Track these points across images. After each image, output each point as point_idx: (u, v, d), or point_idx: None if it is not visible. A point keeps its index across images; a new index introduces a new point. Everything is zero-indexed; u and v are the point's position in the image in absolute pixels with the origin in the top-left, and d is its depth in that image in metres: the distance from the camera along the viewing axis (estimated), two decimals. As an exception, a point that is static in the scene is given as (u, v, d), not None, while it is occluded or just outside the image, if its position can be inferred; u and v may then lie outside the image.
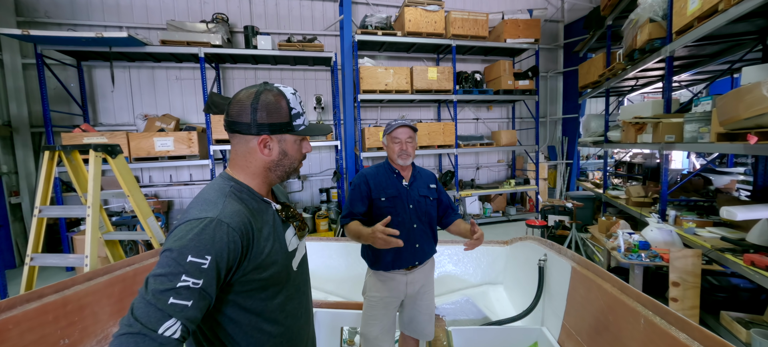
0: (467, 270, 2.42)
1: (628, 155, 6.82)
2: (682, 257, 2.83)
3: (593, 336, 1.27)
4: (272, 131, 0.84)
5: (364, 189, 1.57)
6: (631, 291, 1.10)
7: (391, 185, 1.59)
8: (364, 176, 1.61)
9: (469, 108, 7.37)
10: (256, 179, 0.89)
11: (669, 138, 3.43)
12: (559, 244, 1.67)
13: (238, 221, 0.76)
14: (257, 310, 0.83)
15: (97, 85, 5.69)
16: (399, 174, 1.62)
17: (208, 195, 0.80)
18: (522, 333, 1.68)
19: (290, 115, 0.86)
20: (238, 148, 0.86)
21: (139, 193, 2.25)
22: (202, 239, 0.70)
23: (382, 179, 1.59)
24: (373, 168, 1.63)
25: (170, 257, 0.67)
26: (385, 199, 1.56)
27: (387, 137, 1.61)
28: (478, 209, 6.76)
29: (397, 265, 1.57)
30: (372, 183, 1.58)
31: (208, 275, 0.69)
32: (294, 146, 0.90)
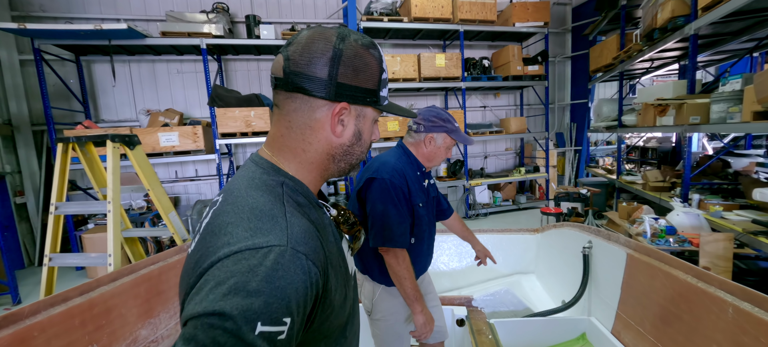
0: (497, 260, 2.33)
1: (642, 140, 6.71)
2: (714, 242, 2.75)
3: (660, 326, 1.18)
4: (354, 99, 0.57)
5: (406, 194, 1.23)
6: (712, 278, 1.01)
7: (421, 188, 1.33)
8: (403, 174, 1.23)
9: (476, 96, 7.24)
10: (312, 173, 0.60)
11: (694, 120, 3.32)
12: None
13: (314, 248, 0.50)
14: None
15: (97, 80, 5.54)
16: (423, 173, 1.37)
17: (256, 200, 0.51)
18: (568, 324, 1.60)
19: (380, 79, 0.59)
20: (294, 118, 0.57)
21: (159, 187, 2.14)
22: (277, 287, 0.43)
23: (413, 177, 1.29)
24: (401, 163, 1.27)
25: (223, 330, 0.38)
26: (422, 205, 1.29)
27: (443, 138, 1.32)
28: (487, 198, 6.68)
29: (423, 272, 1.43)
30: (411, 185, 1.26)
31: (285, 346, 0.43)
32: (370, 126, 0.62)
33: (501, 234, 2.32)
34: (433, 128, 1.30)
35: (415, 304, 1.22)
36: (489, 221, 6.28)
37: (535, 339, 1.61)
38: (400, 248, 1.18)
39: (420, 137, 1.33)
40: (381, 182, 1.19)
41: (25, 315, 1.05)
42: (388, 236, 1.16)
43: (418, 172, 1.34)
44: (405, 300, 1.24)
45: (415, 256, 1.31)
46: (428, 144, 1.32)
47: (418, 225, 1.29)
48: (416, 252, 1.32)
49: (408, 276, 1.19)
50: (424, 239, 1.36)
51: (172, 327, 1.55)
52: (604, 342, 1.46)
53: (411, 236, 1.28)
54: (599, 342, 1.50)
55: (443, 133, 1.32)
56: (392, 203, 1.17)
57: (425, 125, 1.30)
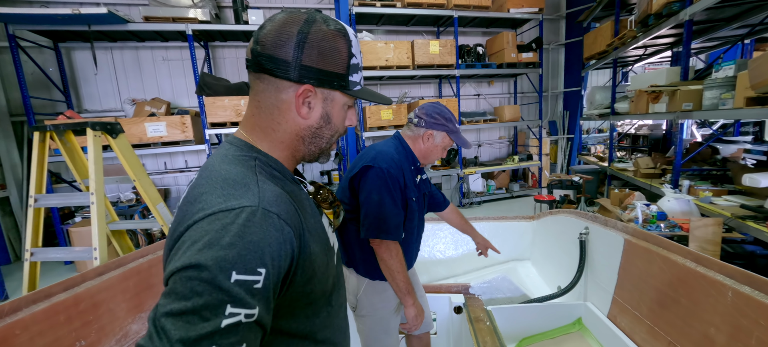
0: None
1: (634, 128, 6.78)
2: (703, 227, 2.81)
3: (657, 310, 1.19)
4: (320, 82, 0.58)
5: (402, 186, 1.19)
6: (712, 262, 1.01)
7: (414, 183, 1.29)
8: (400, 166, 1.19)
9: (470, 84, 7.19)
10: (284, 152, 0.62)
11: (686, 106, 3.34)
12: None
13: (287, 210, 0.52)
14: (304, 331, 0.60)
15: (78, 68, 5.31)
16: (417, 168, 1.33)
17: (228, 171, 0.53)
18: (565, 310, 1.61)
19: (348, 64, 0.60)
20: (263, 98, 0.59)
21: (146, 177, 2.05)
22: (250, 241, 0.45)
23: (408, 171, 1.25)
24: (399, 155, 1.23)
25: (200, 280, 0.41)
26: (415, 200, 1.26)
27: (442, 138, 1.28)
28: (481, 187, 6.71)
29: (411, 266, 1.42)
30: (407, 179, 1.22)
31: (264, 297, 0.45)
32: (341, 111, 0.63)
33: (497, 222, 2.32)
34: (435, 126, 1.26)
35: (407, 297, 1.21)
36: (483, 209, 6.33)
37: (532, 324, 1.62)
38: (393, 240, 1.15)
39: (419, 132, 1.28)
40: (378, 171, 1.14)
41: (4, 313, 1.00)
42: (383, 227, 1.12)
43: (413, 166, 1.30)
44: (396, 293, 1.22)
45: (404, 251, 1.28)
46: (426, 141, 1.29)
47: (410, 220, 1.27)
48: (406, 247, 1.30)
49: (401, 270, 1.17)
50: (414, 234, 1.34)
51: (164, 321, 1.51)
52: (599, 326, 1.48)
53: (402, 230, 1.25)
54: (595, 326, 1.52)
55: (443, 132, 1.28)
56: (389, 194, 1.14)
57: (427, 121, 1.26)
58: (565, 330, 1.60)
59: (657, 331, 1.18)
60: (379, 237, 1.15)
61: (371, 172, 1.15)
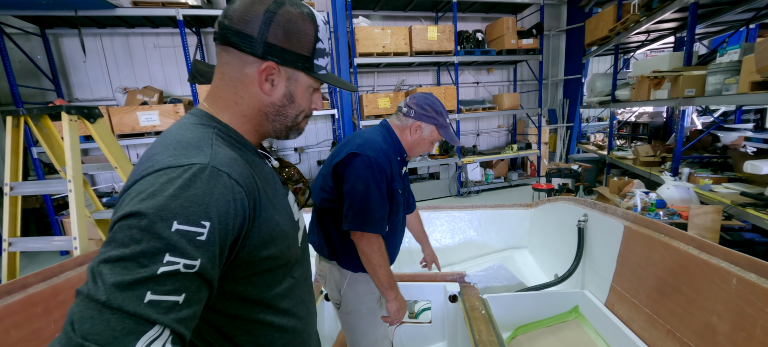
0: (489, 235, 2.31)
1: (634, 116, 6.71)
2: (702, 214, 2.78)
3: (657, 298, 1.16)
4: (284, 61, 0.59)
5: (388, 175, 1.13)
6: (716, 248, 0.97)
7: (400, 174, 1.25)
8: (387, 155, 1.14)
9: (469, 72, 7.07)
10: (246, 126, 0.63)
11: (689, 92, 3.27)
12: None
13: (241, 173, 0.52)
14: (264, 299, 0.61)
15: (67, 56, 5.18)
16: (402, 159, 1.27)
17: (183, 136, 0.53)
18: (561, 298, 1.58)
19: (314, 48, 0.61)
20: (227, 71, 0.59)
21: (128, 164, 1.99)
22: (194, 194, 0.45)
23: (395, 162, 1.19)
24: (386, 144, 1.18)
25: (139, 228, 0.41)
26: (400, 192, 1.22)
27: (431, 131, 1.22)
28: (480, 176, 6.67)
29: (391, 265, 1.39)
30: (393, 169, 1.17)
31: (208, 250, 0.45)
32: (305, 93, 0.65)
33: (494, 210, 2.28)
34: (424, 117, 1.20)
35: (389, 292, 1.17)
36: (481, 198, 6.30)
37: (528, 313, 1.60)
38: (377, 233, 1.10)
39: (408, 122, 1.22)
40: (365, 159, 1.08)
41: (-25, 305, 0.95)
42: (367, 219, 1.07)
43: (399, 157, 1.24)
44: (378, 287, 1.17)
45: (388, 245, 1.24)
46: (414, 132, 1.22)
47: (395, 213, 1.21)
48: (390, 241, 1.26)
49: (383, 264, 1.12)
50: (398, 227, 1.29)
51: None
52: (597, 314, 1.45)
53: (388, 223, 1.20)
54: (592, 314, 1.49)
55: (433, 126, 1.22)
56: (375, 184, 1.08)
57: (417, 112, 1.20)
58: (561, 318, 1.58)
59: (656, 319, 1.14)
60: (362, 230, 1.08)
61: (358, 160, 1.09)
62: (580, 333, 1.48)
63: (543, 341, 1.50)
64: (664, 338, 1.10)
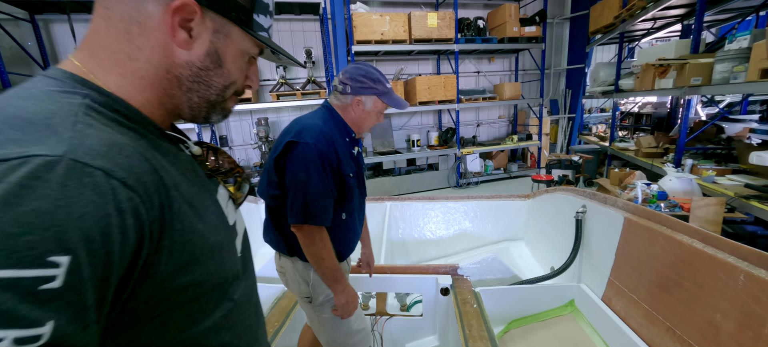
0: (485, 227, 2.25)
1: (637, 106, 6.58)
2: (705, 206, 2.71)
3: (657, 294, 1.10)
4: (210, 3, 0.41)
5: (333, 161, 1.05)
6: (723, 242, 0.90)
7: (351, 156, 1.16)
8: (330, 139, 1.05)
9: (470, 60, 6.92)
10: (145, 93, 0.42)
11: (695, 81, 3.16)
12: (603, 193, 1.46)
13: (130, 167, 0.34)
14: (188, 340, 0.43)
15: (59, 42, 5.07)
16: (352, 139, 1.18)
17: (20, 108, 0.33)
18: (557, 291, 1.53)
19: (254, 0, 0.45)
20: (115, 6, 0.39)
21: None
22: (32, 209, 0.27)
23: (342, 144, 1.11)
24: (328, 126, 1.08)
25: None
26: (352, 175, 1.13)
27: (373, 102, 1.12)
28: (479, 167, 6.59)
29: (354, 249, 1.29)
30: (340, 152, 1.08)
31: (71, 304, 0.28)
32: (238, 59, 0.47)
33: (490, 200, 2.22)
34: (362, 90, 1.10)
35: (336, 284, 1.11)
36: (480, 189, 6.24)
37: (522, 306, 1.55)
38: (319, 226, 1.03)
39: (346, 100, 1.12)
40: (304, 147, 0.99)
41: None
42: (310, 212, 1.00)
43: (347, 138, 1.15)
44: (323, 280, 1.10)
45: (345, 233, 1.17)
46: (356, 108, 1.13)
47: (349, 199, 1.12)
48: (347, 229, 1.18)
49: (326, 256, 1.06)
50: (355, 213, 1.21)
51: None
52: (593, 309, 1.40)
53: (342, 211, 1.13)
54: (588, 309, 1.44)
55: (373, 96, 1.12)
56: (317, 173, 1.00)
57: (353, 86, 1.10)
58: (556, 312, 1.53)
59: (655, 316, 1.09)
60: (307, 223, 1.01)
61: (297, 149, 1.00)
62: (575, 328, 1.43)
63: (537, 336, 1.45)
64: (662, 335, 1.05)
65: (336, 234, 1.13)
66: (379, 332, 1.66)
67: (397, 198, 2.33)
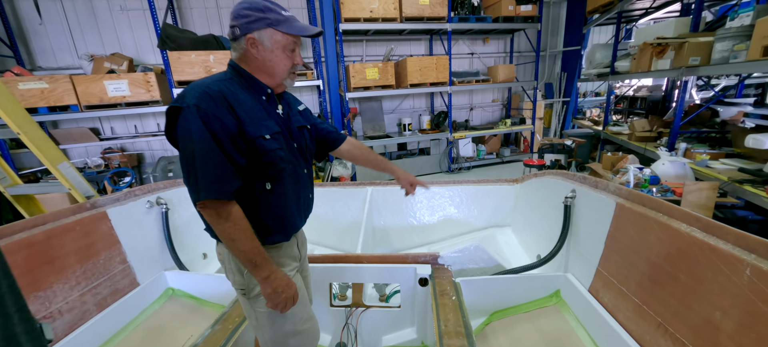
0: (471, 213, 2.14)
1: (632, 90, 6.47)
2: (697, 191, 2.64)
3: (648, 287, 1.00)
4: None
5: (230, 124, 0.87)
6: (726, 230, 0.79)
7: (268, 114, 0.98)
8: (221, 97, 0.88)
9: (463, 41, 6.68)
10: None
11: (693, 61, 3.04)
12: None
13: None
14: None
15: (25, 18, 4.74)
16: (271, 97, 1.01)
17: None
18: (541, 281, 1.44)
19: None
20: None
21: (36, 129, 1.67)
22: None
23: (250, 102, 0.94)
24: (220, 84, 0.91)
25: None
26: (270, 137, 0.95)
27: (270, 36, 0.92)
28: (471, 152, 6.48)
29: (297, 228, 1.11)
30: (240, 111, 0.91)
31: None
32: None
33: (477, 185, 2.10)
34: (251, 26, 0.90)
35: (257, 270, 0.93)
36: (471, 174, 6.14)
37: (504, 297, 1.46)
38: (219, 199, 0.86)
39: (241, 46, 0.93)
40: (186, 111, 0.84)
41: None
42: (203, 184, 0.84)
43: (264, 96, 0.98)
44: (244, 264, 0.93)
45: (275, 206, 0.99)
46: (254, 51, 0.93)
47: (272, 165, 0.95)
48: (277, 202, 0.99)
49: (239, 236, 0.89)
50: (288, 184, 1.01)
51: (76, 299, 1.29)
52: (579, 300, 1.31)
53: (264, 180, 0.95)
54: (574, 300, 1.35)
55: (267, 29, 0.91)
56: (203, 138, 0.83)
57: (241, 25, 0.91)
58: (541, 303, 1.44)
59: (645, 310, 0.99)
60: (199, 198, 0.84)
61: (180, 116, 0.85)
62: (559, 320, 1.34)
63: (519, 328, 1.37)
64: (653, 332, 0.95)
65: (261, 208, 0.97)
66: (353, 325, 1.56)
67: (379, 183, 2.20)
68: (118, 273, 1.46)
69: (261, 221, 0.98)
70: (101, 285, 1.38)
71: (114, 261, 1.46)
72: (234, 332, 1.21)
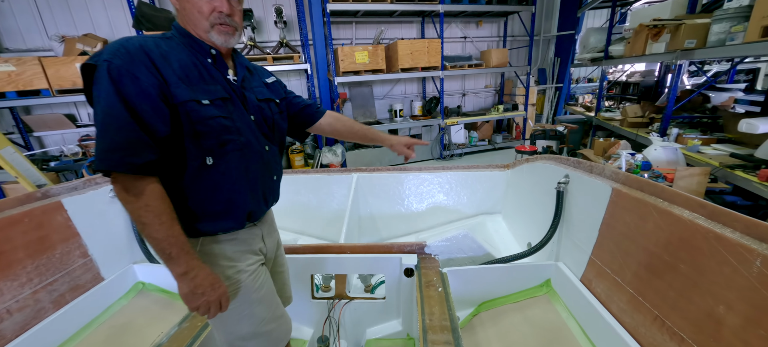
0: (461, 200, 2.06)
1: (625, 75, 6.42)
2: (688, 176, 2.61)
3: (645, 277, 0.93)
4: None
5: (149, 84, 0.73)
6: (737, 218, 0.72)
7: (212, 79, 0.83)
8: (141, 52, 0.74)
9: (456, 25, 6.50)
10: None
11: (689, 43, 2.96)
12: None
13: None
14: None
15: (-13, -7, 4.39)
16: (219, 58, 0.86)
17: None
18: (531, 271, 1.38)
19: None
20: None
21: None
22: None
23: (185, 60, 0.81)
24: (149, 39, 0.79)
25: None
26: (209, 103, 0.80)
27: None
28: (463, 138, 6.40)
29: (256, 215, 0.96)
30: (167, 70, 0.77)
31: None
32: None
33: (467, 171, 2.02)
34: None
35: (173, 263, 0.77)
36: (463, 161, 6.09)
37: (493, 287, 1.39)
38: (126, 174, 0.72)
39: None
40: (99, 70, 0.71)
41: None
42: (106, 154, 0.70)
43: (208, 58, 0.84)
44: (158, 256, 0.78)
45: (218, 188, 0.85)
46: (175, 1, 0.83)
47: (211, 135, 0.81)
48: (221, 181, 0.85)
49: (151, 220, 0.74)
50: (235, 159, 0.86)
51: (28, 297, 1.18)
52: (570, 290, 1.25)
53: (202, 153, 0.81)
54: (565, 290, 1.30)
55: None
56: (108, 99, 0.70)
57: None
58: (530, 293, 1.39)
59: (641, 302, 0.93)
60: (100, 167, 0.71)
61: (95, 76, 0.72)
62: (549, 310, 1.29)
63: (507, 319, 1.31)
64: (649, 325, 0.90)
65: (201, 187, 0.83)
66: (336, 318, 1.49)
67: (365, 169, 2.10)
68: (78, 267, 1.35)
69: (201, 202, 0.84)
70: (58, 280, 1.27)
71: (73, 255, 1.34)
72: (203, 329, 1.12)
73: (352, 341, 1.55)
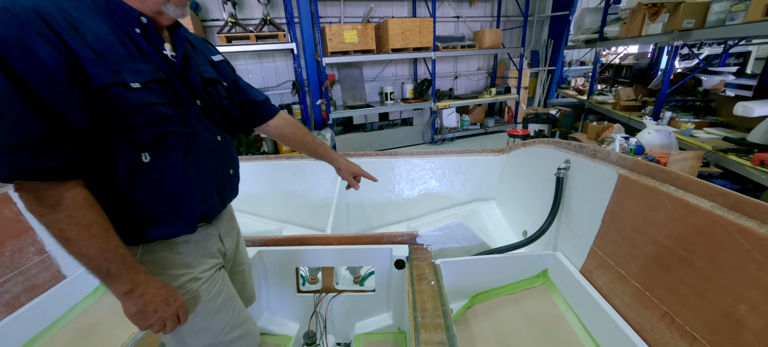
0: (454, 186, 1.98)
1: (618, 57, 6.36)
2: (682, 160, 2.59)
3: (653, 271, 0.87)
4: None
5: (51, 61, 0.55)
6: (762, 208, 0.64)
7: (135, 54, 0.66)
8: (35, 17, 0.54)
9: (449, 4, 6.27)
10: None
11: (688, 23, 2.88)
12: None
13: None
14: None
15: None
16: (151, 28, 0.69)
17: None
18: (528, 261, 1.31)
19: None
20: None
21: None
22: None
23: (102, 30, 0.62)
24: (48, 1, 0.57)
25: None
26: (140, 86, 0.65)
27: None
28: (455, 122, 6.30)
29: (210, 216, 0.83)
30: (76, 42, 0.58)
31: None
32: None
33: (460, 156, 1.93)
34: None
35: (114, 282, 0.65)
36: (455, 145, 6.01)
37: (487, 278, 1.33)
38: (30, 180, 0.57)
39: None
40: None
41: None
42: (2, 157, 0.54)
43: (137, 27, 0.66)
44: (94, 275, 0.64)
45: (160, 189, 0.71)
46: None
47: (147, 127, 0.66)
48: (162, 181, 0.71)
49: (83, 234, 0.60)
50: (178, 153, 0.72)
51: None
52: (569, 281, 1.20)
53: (136, 149, 0.66)
54: (563, 281, 1.24)
55: None
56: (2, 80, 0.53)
57: None
58: (526, 284, 1.33)
59: (648, 297, 0.87)
60: (2, 176, 0.54)
61: None
62: (547, 302, 1.23)
63: (503, 311, 1.25)
64: (656, 322, 0.84)
65: (140, 190, 0.68)
66: (322, 313, 1.41)
67: (354, 154, 1.98)
68: (33, 266, 1.21)
69: (141, 206, 0.70)
70: (10, 281, 1.14)
71: (26, 253, 1.20)
72: None
73: (341, 335, 1.48)
